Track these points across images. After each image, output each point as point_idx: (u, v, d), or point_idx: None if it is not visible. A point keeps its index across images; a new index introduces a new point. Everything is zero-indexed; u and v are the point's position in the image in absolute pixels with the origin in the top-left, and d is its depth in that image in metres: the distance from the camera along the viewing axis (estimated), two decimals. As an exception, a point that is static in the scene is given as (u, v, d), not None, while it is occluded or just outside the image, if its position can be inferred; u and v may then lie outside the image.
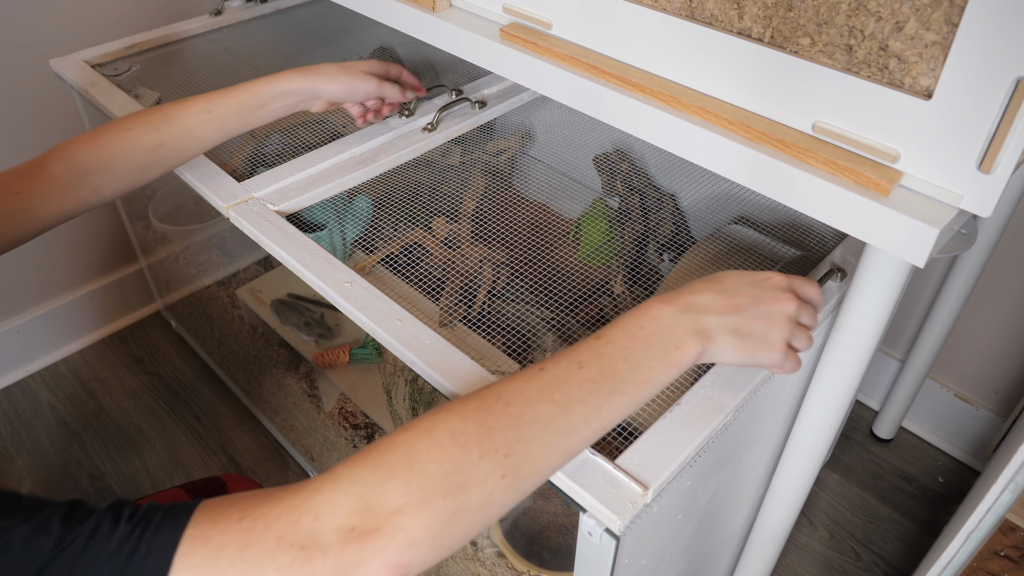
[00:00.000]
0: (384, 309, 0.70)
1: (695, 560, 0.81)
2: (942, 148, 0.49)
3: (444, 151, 1.25)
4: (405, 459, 0.43)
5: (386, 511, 0.41)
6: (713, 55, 0.58)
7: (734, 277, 0.54)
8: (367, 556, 0.41)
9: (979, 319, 1.17)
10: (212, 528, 0.41)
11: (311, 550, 0.40)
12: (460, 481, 0.43)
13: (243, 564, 0.40)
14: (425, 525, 0.42)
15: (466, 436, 0.44)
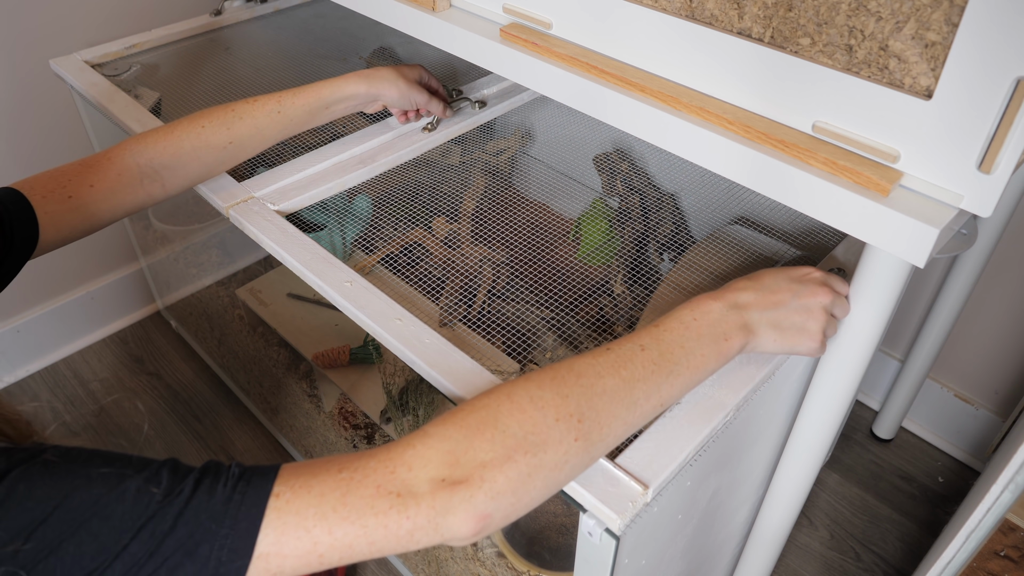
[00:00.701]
0: (384, 308, 0.70)
1: (695, 560, 0.81)
2: (942, 148, 0.49)
3: (444, 151, 1.25)
4: (490, 419, 0.47)
5: (473, 464, 0.45)
6: (713, 55, 0.58)
7: (774, 275, 0.59)
8: (456, 504, 0.45)
9: (979, 319, 1.17)
10: (313, 479, 0.44)
11: (406, 497, 0.44)
12: (539, 440, 0.47)
13: (344, 509, 0.43)
14: (508, 478, 0.46)
15: (543, 401, 0.48)
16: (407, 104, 0.89)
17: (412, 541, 0.45)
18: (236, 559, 0.42)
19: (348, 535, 0.44)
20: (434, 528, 0.45)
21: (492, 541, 0.85)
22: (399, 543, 0.45)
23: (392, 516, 0.44)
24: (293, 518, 0.43)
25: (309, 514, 0.43)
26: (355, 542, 0.44)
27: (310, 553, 0.43)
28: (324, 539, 0.43)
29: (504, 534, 0.83)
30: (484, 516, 0.45)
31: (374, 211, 0.96)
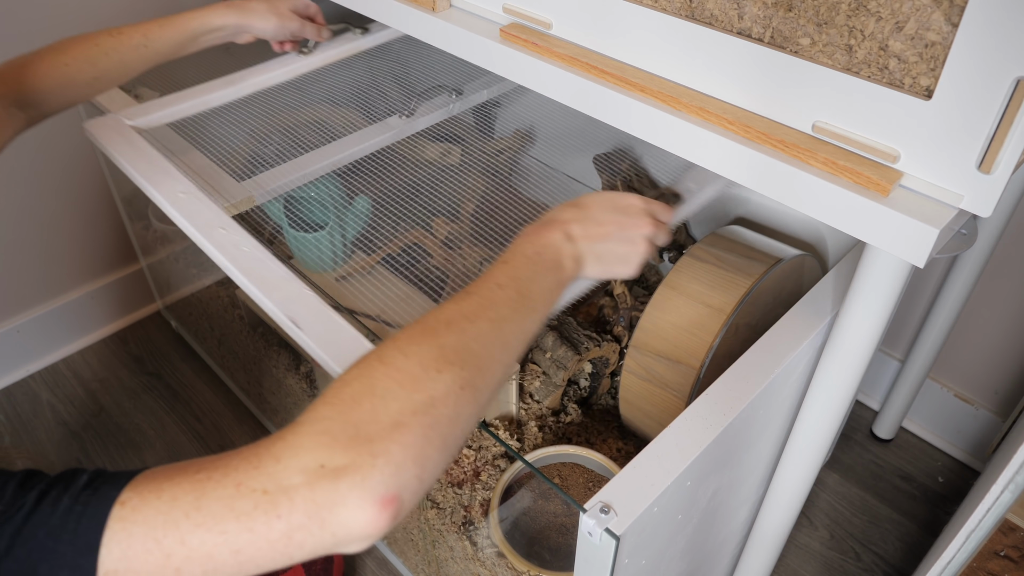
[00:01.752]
0: (211, 218, 0.72)
1: (695, 560, 0.81)
2: (942, 148, 0.49)
3: (444, 151, 1.25)
4: (365, 388, 0.41)
5: (357, 442, 0.39)
6: (713, 55, 0.58)
7: (600, 204, 0.60)
8: (345, 493, 0.37)
9: (979, 319, 1.17)
10: (167, 481, 0.39)
11: (275, 494, 0.37)
12: (426, 398, 0.41)
13: (199, 514, 0.37)
14: (404, 446, 0.39)
15: (420, 356, 0.43)
16: (280, 35, 0.89)
17: (293, 545, 0.38)
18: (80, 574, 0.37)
19: (205, 544, 0.37)
20: (320, 526, 0.38)
21: (492, 541, 0.85)
22: (274, 549, 0.38)
23: (258, 518, 0.37)
24: (140, 528, 0.37)
25: (158, 523, 0.37)
26: (215, 552, 0.37)
27: (164, 568, 0.37)
28: (177, 551, 0.37)
29: (504, 534, 0.84)
30: (389, 498, 0.38)
31: (372, 212, 0.96)
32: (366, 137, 0.91)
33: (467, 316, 0.47)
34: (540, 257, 0.54)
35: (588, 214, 0.58)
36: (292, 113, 0.95)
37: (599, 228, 0.58)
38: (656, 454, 0.61)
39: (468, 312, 0.47)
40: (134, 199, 1.41)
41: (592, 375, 1.03)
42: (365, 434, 0.39)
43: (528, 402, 0.98)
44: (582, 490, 0.89)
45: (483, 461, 0.92)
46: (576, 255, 0.56)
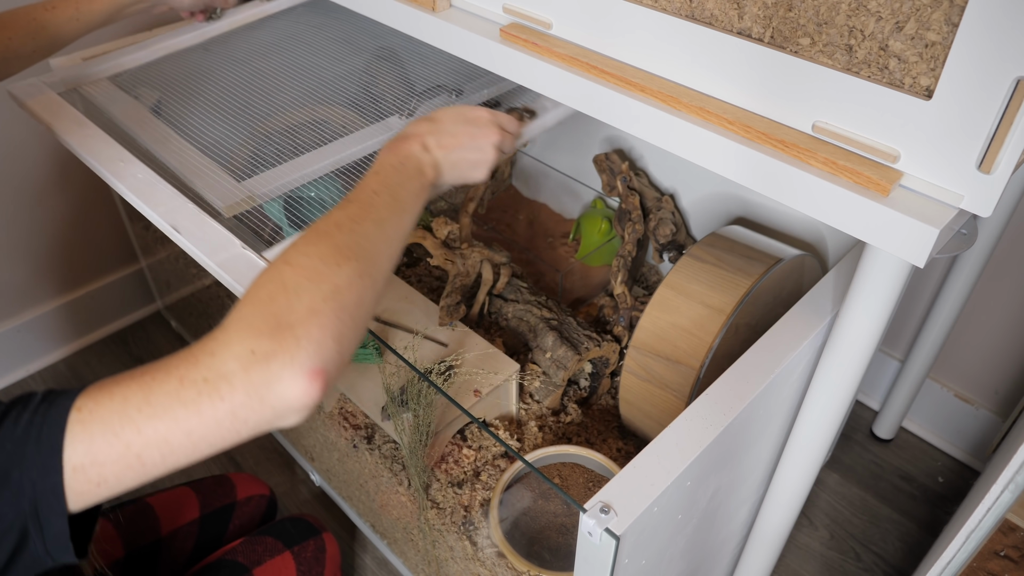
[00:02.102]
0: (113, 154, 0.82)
1: (695, 560, 0.81)
2: (942, 148, 0.49)
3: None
4: (278, 287, 0.47)
5: (283, 326, 0.45)
6: (713, 55, 0.58)
7: (451, 118, 0.66)
8: (277, 371, 0.43)
9: (979, 319, 1.17)
10: (116, 386, 0.44)
11: (215, 381, 0.43)
12: (332, 287, 0.48)
13: (149, 407, 0.43)
14: (323, 327, 0.46)
15: (321, 254, 0.50)
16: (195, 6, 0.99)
17: (238, 421, 0.44)
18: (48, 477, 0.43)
19: (159, 431, 0.43)
20: (260, 401, 0.44)
21: (492, 541, 0.85)
22: (222, 427, 0.44)
23: (204, 403, 0.43)
24: (99, 426, 0.43)
25: (114, 419, 0.43)
26: (170, 436, 0.43)
27: (126, 456, 0.43)
28: (136, 440, 0.43)
29: (504, 534, 0.84)
30: (317, 371, 0.45)
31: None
32: (366, 137, 0.91)
33: (353, 219, 0.54)
34: (404, 166, 0.61)
35: (441, 127, 0.65)
36: (292, 113, 0.95)
37: (451, 139, 0.65)
38: (656, 454, 0.61)
39: (353, 216, 0.54)
40: (134, 199, 1.41)
41: (592, 375, 1.03)
42: (287, 322, 0.45)
43: (528, 402, 0.98)
44: (582, 490, 0.89)
45: (483, 461, 0.92)
46: (433, 163, 0.63)
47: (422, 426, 0.85)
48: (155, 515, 0.91)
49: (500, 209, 1.36)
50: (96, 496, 0.45)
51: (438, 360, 0.93)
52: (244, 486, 0.98)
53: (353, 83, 1.01)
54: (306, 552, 0.89)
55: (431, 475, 0.91)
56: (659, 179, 1.14)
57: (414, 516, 0.94)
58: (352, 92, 0.99)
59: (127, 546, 0.87)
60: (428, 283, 1.15)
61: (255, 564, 0.86)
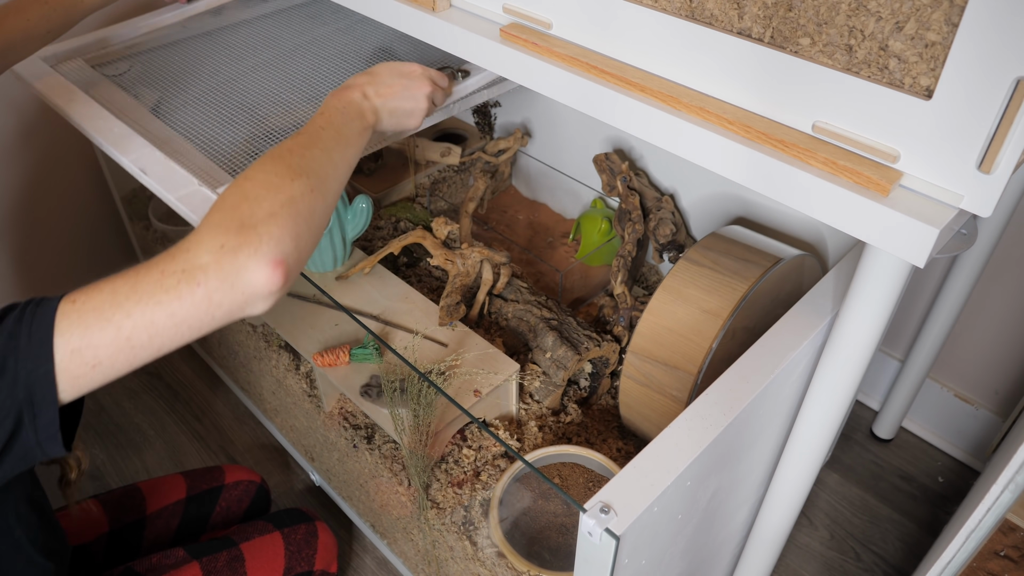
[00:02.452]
0: (93, 113, 0.88)
1: (695, 560, 0.81)
2: (942, 148, 0.49)
3: (443, 152, 1.25)
4: (241, 198, 0.55)
5: (247, 226, 0.53)
6: (713, 55, 0.58)
7: (388, 72, 0.75)
8: (244, 261, 0.52)
9: (979, 319, 1.17)
10: (104, 282, 0.51)
11: (192, 271, 0.51)
12: (287, 197, 0.56)
13: (136, 295, 0.50)
14: (282, 226, 0.54)
15: (276, 172, 0.57)
16: None
17: (213, 305, 0.51)
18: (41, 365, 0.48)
19: (146, 313, 0.50)
20: (231, 286, 0.51)
21: (492, 541, 0.85)
22: (200, 309, 0.51)
23: (184, 289, 0.50)
24: (91, 314, 0.49)
25: (105, 306, 0.50)
26: (155, 318, 0.50)
27: (117, 338, 0.50)
28: (125, 323, 0.50)
29: (504, 534, 0.84)
30: (278, 261, 0.53)
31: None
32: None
33: (303, 146, 0.62)
34: (347, 110, 0.69)
35: (379, 79, 0.73)
36: (290, 114, 0.95)
37: (388, 89, 0.73)
38: (656, 454, 0.61)
39: (303, 143, 0.62)
40: (134, 199, 1.41)
41: (592, 375, 1.03)
42: (250, 223, 0.53)
43: (528, 402, 0.98)
44: (582, 490, 0.89)
45: (483, 461, 0.92)
46: (373, 109, 0.71)
47: (422, 426, 0.85)
48: (142, 496, 0.92)
49: (500, 209, 1.36)
50: (91, 380, 0.51)
51: (438, 360, 0.93)
52: (234, 473, 0.99)
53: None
54: (296, 534, 0.90)
55: (431, 475, 0.91)
56: (659, 179, 1.14)
57: (414, 516, 0.94)
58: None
59: (112, 523, 0.89)
60: (428, 283, 1.15)
61: (243, 539, 0.86)
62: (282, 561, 0.87)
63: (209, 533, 0.96)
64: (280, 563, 0.87)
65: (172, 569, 0.82)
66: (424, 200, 1.32)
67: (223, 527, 0.97)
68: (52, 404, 0.50)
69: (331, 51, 1.08)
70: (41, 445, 0.51)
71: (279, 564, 0.87)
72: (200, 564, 0.82)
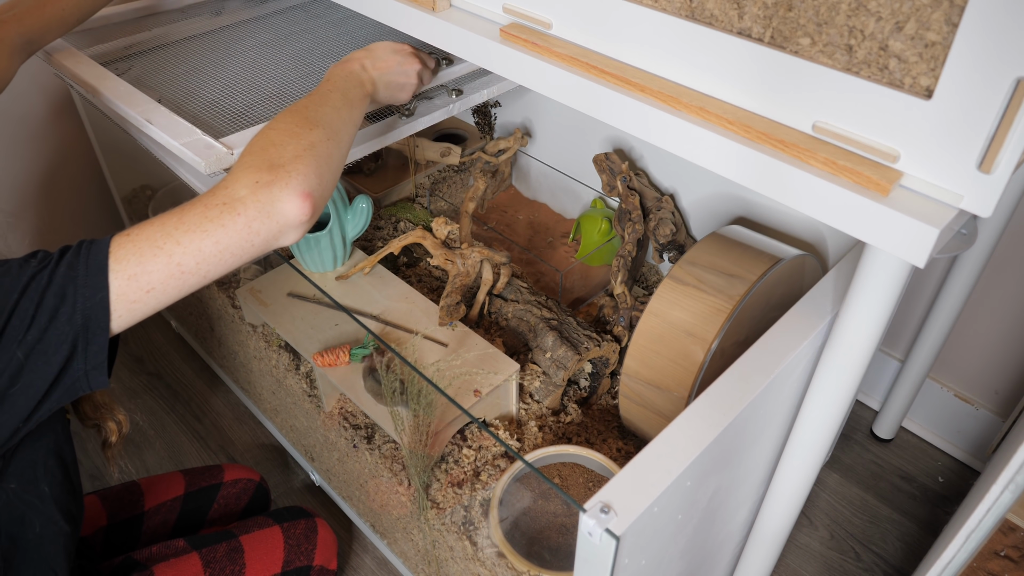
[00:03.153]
0: (99, 74, 0.94)
1: (695, 560, 0.81)
2: (942, 148, 0.49)
3: (444, 152, 1.25)
4: (269, 143, 0.62)
5: (277, 166, 0.60)
6: (713, 55, 0.58)
7: (384, 48, 0.83)
8: (278, 193, 0.58)
9: (979, 319, 1.17)
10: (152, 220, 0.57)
11: (233, 203, 0.57)
12: (308, 142, 0.63)
13: (184, 226, 0.56)
14: (307, 163, 0.61)
15: (296, 122, 0.66)
16: None
17: (252, 232, 0.58)
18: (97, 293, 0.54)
19: (194, 240, 0.56)
20: (267, 216, 0.58)
21: (492, 541, 0.85)
22: (241, 236, 0.57)
23: (227, 217, 0.57)
24: (145, 243, 0.55)
25: (156, 235, 0.55)
26: (202, 245, 0.56)
27: (169, 264, 0.55)
28: (176, 249, 0.55)
29: (504, 534, 0.84)
30: (307, 193, 0.60)
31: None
32: (366, 137, 0.91)
33: (316, 103, 0.70)
34: (349, 77, 0.77)
35: (376, 54, 0.81)
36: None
37: (384, 63, 0.81)
38: (656, 454, 0.61)
39: (316, 101, 0.70)
40: (134, 199, 1.41)
41: (592, 375, 1.03)
42: (279, 162, 0.60)
43: (528, 402, 0.98)
44: (582, 490, 0.89)
45: (483, 461, 0.92)
46: (371, 80, 0.79)
47: (422, 426, 0.85)
48: (140, 492, 0.93)
49: (500, 209, 1.36)
50: (146, 305, 0.56)
51: (438, 360, 0.93)
52: (233, 471, 1.00)
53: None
54: (296, 529, 0.90)
55: (431, 475, 0.91)
56: (659, 179, 1.14)
57: (414, 516, 0.94)
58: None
59: (111, 517, 0.90)
60: (428, 283, 1.15)
61: (243, 532, 0.87)
62: (281, 554, 0.88)
63: (207, 529, 0.96)
64: (279, 555, 0.87)
65: (172, 558, 0.82)
66: (424, 200, 1.32)
67: (221, 524, 0.97)
68: (104, 331, 0.54)
69: (331, 52, 1.08)
70: (88, 376, 0.55)
71: (278, 556, 0.87)
72: (200, 554, 0.83)
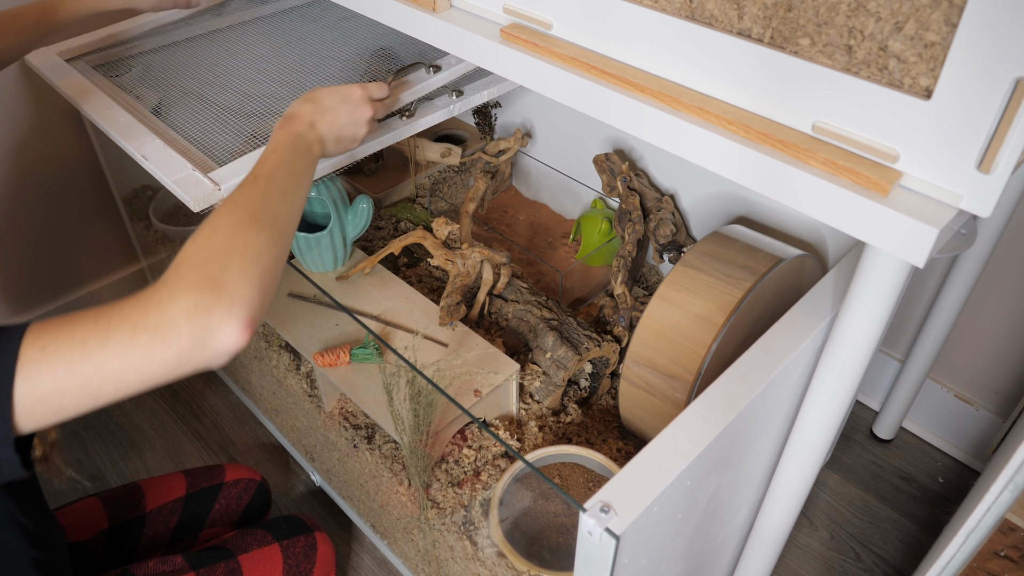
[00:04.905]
0: (101, 103, 0.95)
1: (695, 560, 0.81)
2: (942, 148, 0.49)
3: (444, 152, 1.25)
4: (211, 252, 0.56)
5: (219, 285, 0.54)
6: (713, 55, 0.58)
7: (328, 97, 0.77)
8: (218, 322, 0.53)
9: (979, 319, 1.17)
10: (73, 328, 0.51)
11: (165, 329, 0.51)
12: (255, 251, 0.58)
13: (108, 349, 0.50)
14: (252, 282, 0.56)
15: (241, 223, 0.59)
16: (161, 7, 1.07)
17: (183, 362, 0.52)
18: None
19: (117, 369, 0.51)
20: (202, 347, 0.53)
21: (492, 541, 0.85)
22: (168, 366, 0.52)
23: (156, 346, 0.51)
24: (63, 364, 0.50)
25: (75, 356, 0.50)
26: (125, 374, 0.51)
27: (85, 389, 0.50)
28: (95, 375, 0.50)
29: (504, 534, 0.84)
30: (249, 321, 0.54)
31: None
32: (366, 138, 0.91)
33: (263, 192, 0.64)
34: (296, 144, 0.71)
35: (321, 106, 0.76)
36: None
37: (333, 115, 0.76)
38: (656, 454, 0.61)
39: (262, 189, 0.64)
40: (135, 200, 1.41)
41: (592, 375, 1.03)
42: (222, 282, 0.54)
43: (528, 402, 0.98)
44: (582, 490, 0.89)
45: (483, 461, 0.92)
46: (319, 139, 0.74)
47: (422, 426, 0.85)
48: (142, 493, 0.93)
49: (500, 209, 1.36)
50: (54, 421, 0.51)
51: (438, 360, 0.93)
52: (234, 471, 0.99)
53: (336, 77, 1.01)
54: (295, 547, 0.90)
55: (431, 475, 0.91)
56: (659, 179, 1.14)
57: (414, 516, 0.94)
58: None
59: (112, 520, 0.89)
60: (428, 283, 1.15)
61: (241, 551, 0.86)
62: (280, 574, 0.87)
63: (207, 530, 0.96)
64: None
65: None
66: (424, 200, 1.32)
67: (221, 524, 0.97)
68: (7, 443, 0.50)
69: (332, 52, 1.08)
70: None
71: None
72: (197, 575, 0.83)
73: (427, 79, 0.94)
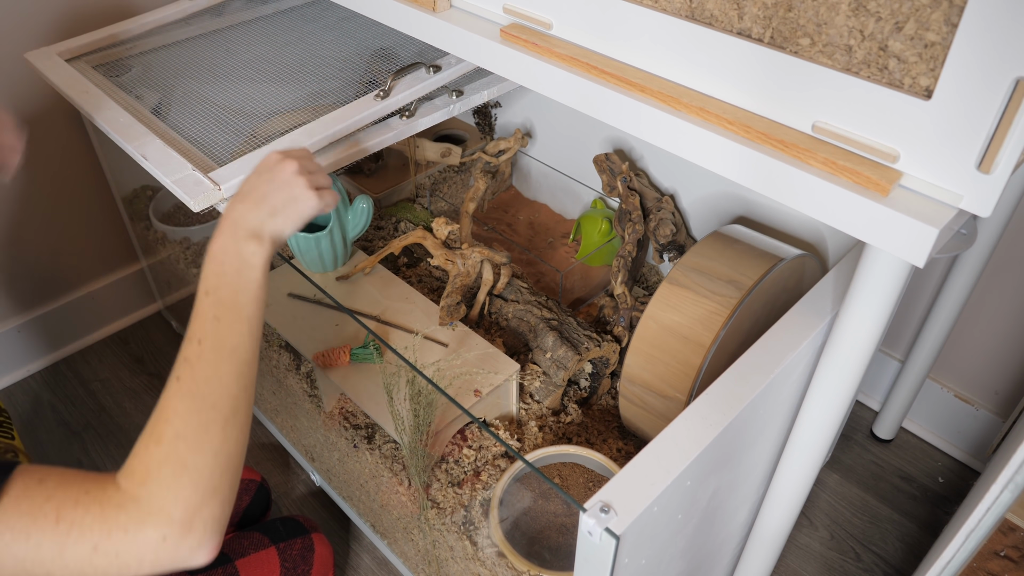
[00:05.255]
0: (100, 102, 0.95)
1: (695, 560, 0.81)
2: (942, 148, 0.49)
3: (444, 152, 1.25)
4: (179, 467, 0.52)
5: (189, 515, 0.51)
6: (713, 55, 0.58)
7: (250, 181, 0.66)
8: (187, 554, 0.51)
9: (979, 319, 1.17)
10: (32, 525, 0.48)
11: (126, 557, 0.49)
12: (224, 456, 0.54)
13: (62, 560, 0.48)
14: (221, 503, 0.53)
15: (205, 423, 0.54)
16: None
17: None
18: None
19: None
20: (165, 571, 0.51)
21: (492, 541, 0.85)
22: None
23: (114, 572, 0.49)
24: (11, 560, 0.47)
25: (28, 558, 0.47)
26: None
27: None
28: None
29: (504, 534, 0.84)
30: (217, 544, 0.53)
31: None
32: (367, 138, 0.91)
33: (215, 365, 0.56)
34: (226, 271, 0.60)
35: (254, 198, 0.64)
36: (288, 115, 0.95)
37: (254, 196, 0.64)
38: (656, 454, 0.61)
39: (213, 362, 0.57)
40: (135, 199, 1.41)
41: (592, 375, 1.03)
42: (194, 506, 0.51)
43: (528, 402, 0.98)
44: (582, 490, 0.89)
45: (483, 461, 0.92)
46: (253, 234, 0.62)
47: (422, 426, 0.85)
48: None
49: (500, 209, 1.36)
50: None
51: (438, 360, 0.93)
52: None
53: (335, 81, 1.01)
54: (292, 549, 0.90)
55: (431, 475, 0.91)
56: (659, 179, 1.14)
57: (414, 516, 0.94)
58: (342, 93, 0.99)
59: None
60: (428, 283, 1.15)
61: (238, 556, 0.86)
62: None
63: None
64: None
65: None
66: (424, 200, 1.32)
67: None
68: None
69: (332, 52, 1.08)
70: None
71: None
72: None
73: (427, 79, 0.94)
